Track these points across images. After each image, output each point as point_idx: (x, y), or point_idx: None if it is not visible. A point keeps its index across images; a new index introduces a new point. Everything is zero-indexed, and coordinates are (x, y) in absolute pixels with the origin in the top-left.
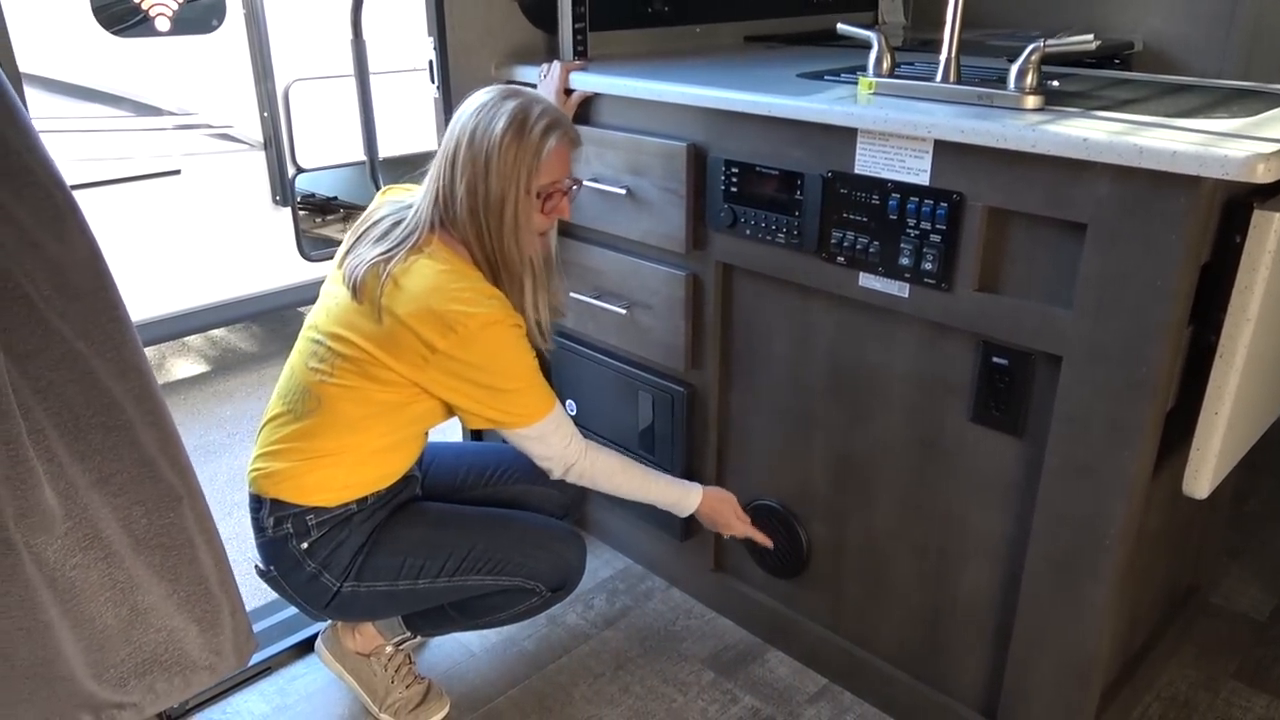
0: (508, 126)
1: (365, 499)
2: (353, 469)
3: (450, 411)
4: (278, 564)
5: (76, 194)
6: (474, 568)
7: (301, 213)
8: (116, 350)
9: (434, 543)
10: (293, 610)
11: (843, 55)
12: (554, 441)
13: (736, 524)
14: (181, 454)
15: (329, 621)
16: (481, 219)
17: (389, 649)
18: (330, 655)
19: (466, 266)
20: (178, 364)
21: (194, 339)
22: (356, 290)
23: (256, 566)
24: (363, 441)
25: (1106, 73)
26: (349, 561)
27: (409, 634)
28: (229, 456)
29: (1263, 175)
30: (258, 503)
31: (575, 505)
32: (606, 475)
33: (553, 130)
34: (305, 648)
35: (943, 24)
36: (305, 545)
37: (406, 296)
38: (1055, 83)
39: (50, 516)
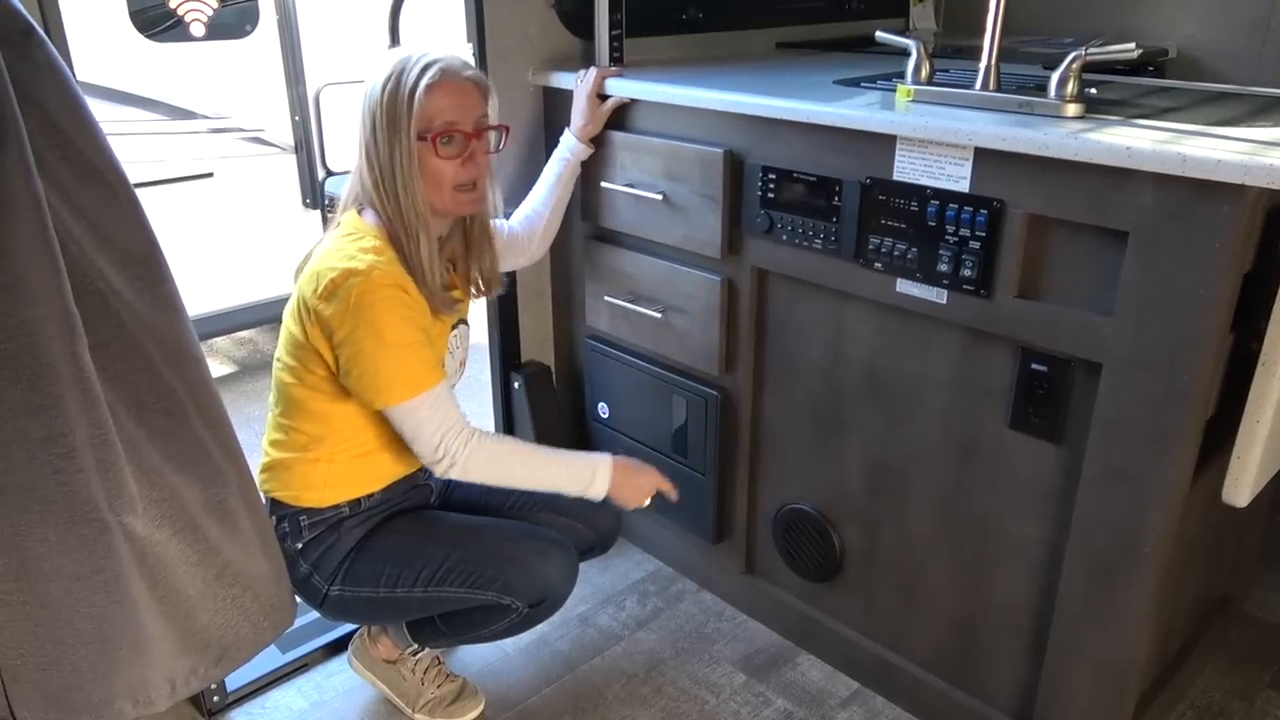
0: (385, 79)
1: (358, 502)
2: (334, 467)
3: None
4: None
5: None
6: (448, 580)
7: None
8: (175, 341)
9: (412, 553)
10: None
11: (877, 62)
12: (427, 428)
13: (647, 491)
14: (230, 437)
15: (357, 628)
16: (377, 176)
17: (415, 653)
18: (360, 663)
19: (367, 228)
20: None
21: (220, 340)
22: (296, 277)
23: None
24: (338, 439)
25: (1144, 80)
26: (336, 566)
27: (415, 645)
28: (257, 456)
29: None
30: (266, 500)
31: (605, 538)
32: (494, 465)
33: (429, 69)
34: (340, 645)
35: (978, 31)
36: (299, 545)
37: (307, 268)
38: (1093, 90)
39: (133, 496)
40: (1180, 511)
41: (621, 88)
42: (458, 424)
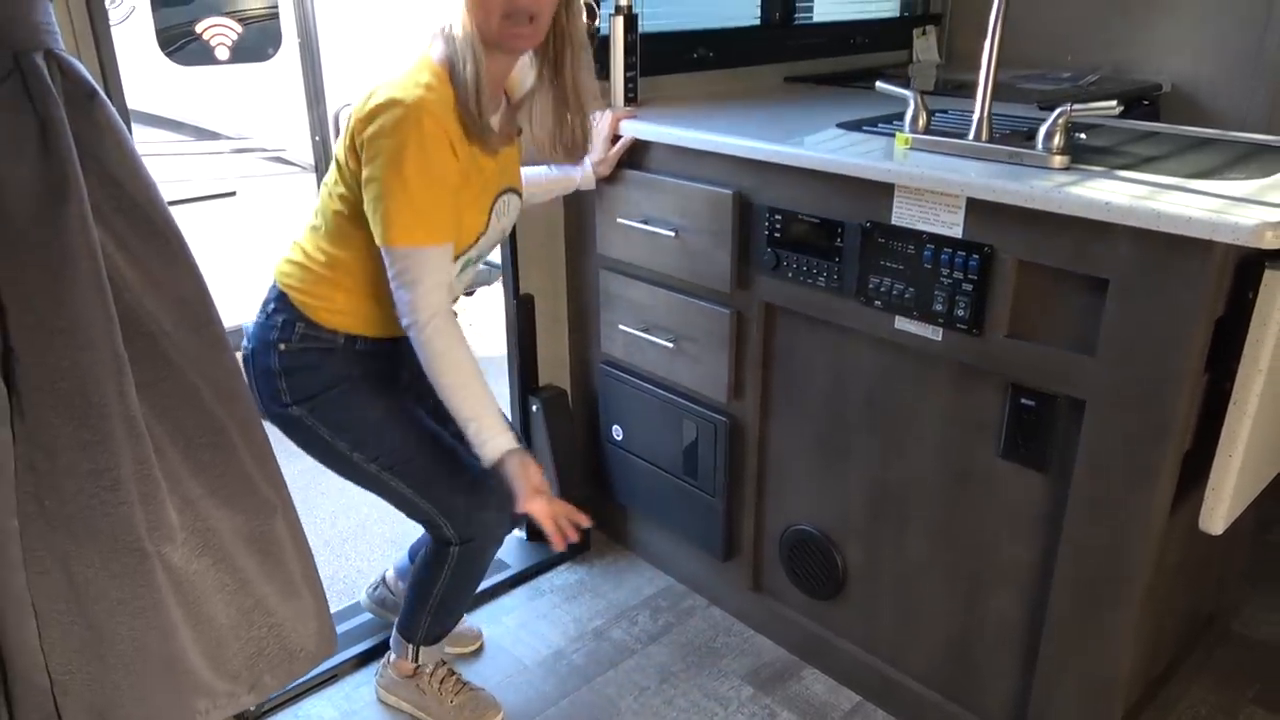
0: None
1: (354, 339)
2: (351, 297)
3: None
4: (256, 344)
5: None
6: (406, 475)
7: None
8: (224, 379)
9: (386, 431)
10: (359, 619)
11: (881, 101)
12: (411, 280)
13: (537, 502)
14: (275, 468)
15: (382, 662)
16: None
17: (429, 667)
18: (385, 691)
19: (430, 64)
20: None
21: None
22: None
23: (243, 343)
24: (363, 271)
25: (1132, 124)
26: (311, 392)
27: (414, 652)
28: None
29: (1270, 242)
30: (272, 288)
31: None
32: (438, 356)
33: None
34: (370, 655)
35: (979, 63)
36: (283, 346)
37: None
38: (1083, 135)
39: (173, 527)
40: (1160, 538)
41: (636, 129)
42: (441, 298)
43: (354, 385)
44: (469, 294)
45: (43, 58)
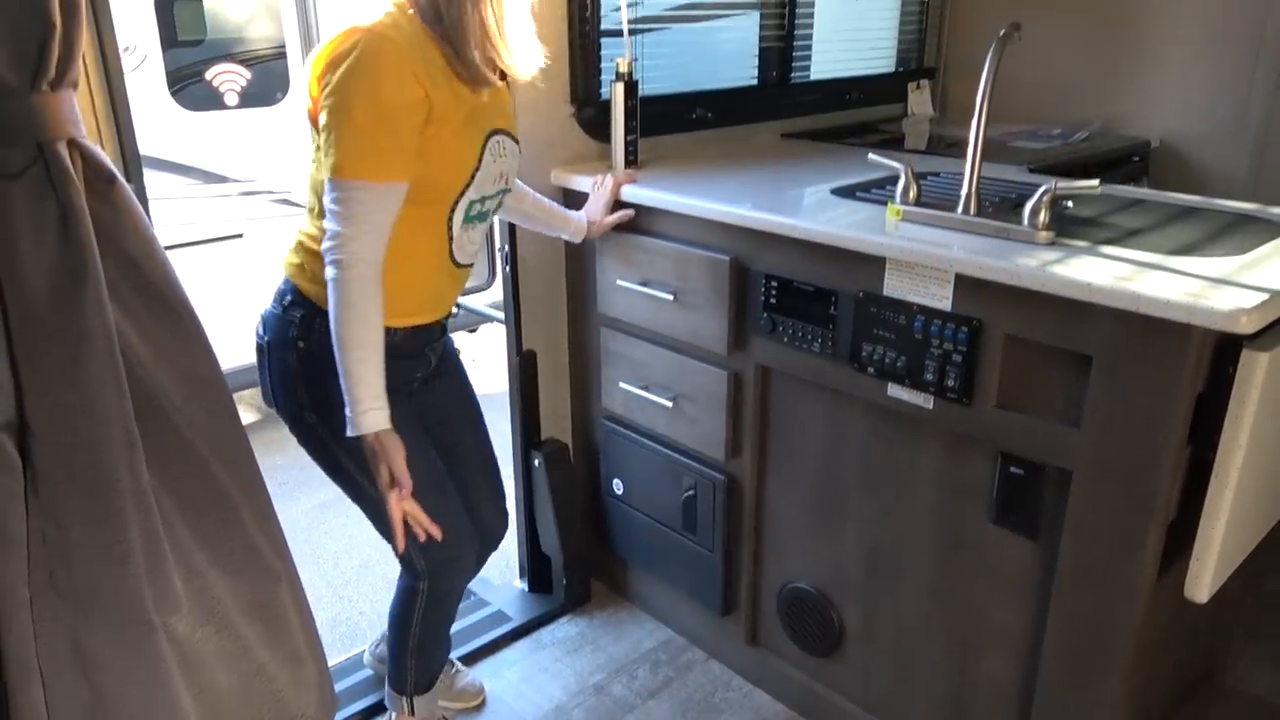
0: None
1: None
2: None
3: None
4: (272, 338)
5: None
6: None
7: None
8: (232, 449)
9: None
10: (361, 675)
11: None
12: (345, 215)
13: (391, 495)
14: (279, 536)
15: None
16: None
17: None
18: None
19: (398, 3)
20: None
21: (246, 391)
22: None
23: (257, 330)
24: None
25: (1119, 190)
26: (333, 398)
27: (405, 700)
28: (280, 507)
29: (1245, 327)
30: (284, 282)
31: (490, 534)
32: (345, 306)
33: None
34: (372, 712)
35: (969, 124)
36: (302, 344)
37: None
38: (1069, 204)
39: (179, 598)
40: (1147, 606)
41: (637, 195)
42: (373, 246)
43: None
44: (471, 331)
45: (65, 146)
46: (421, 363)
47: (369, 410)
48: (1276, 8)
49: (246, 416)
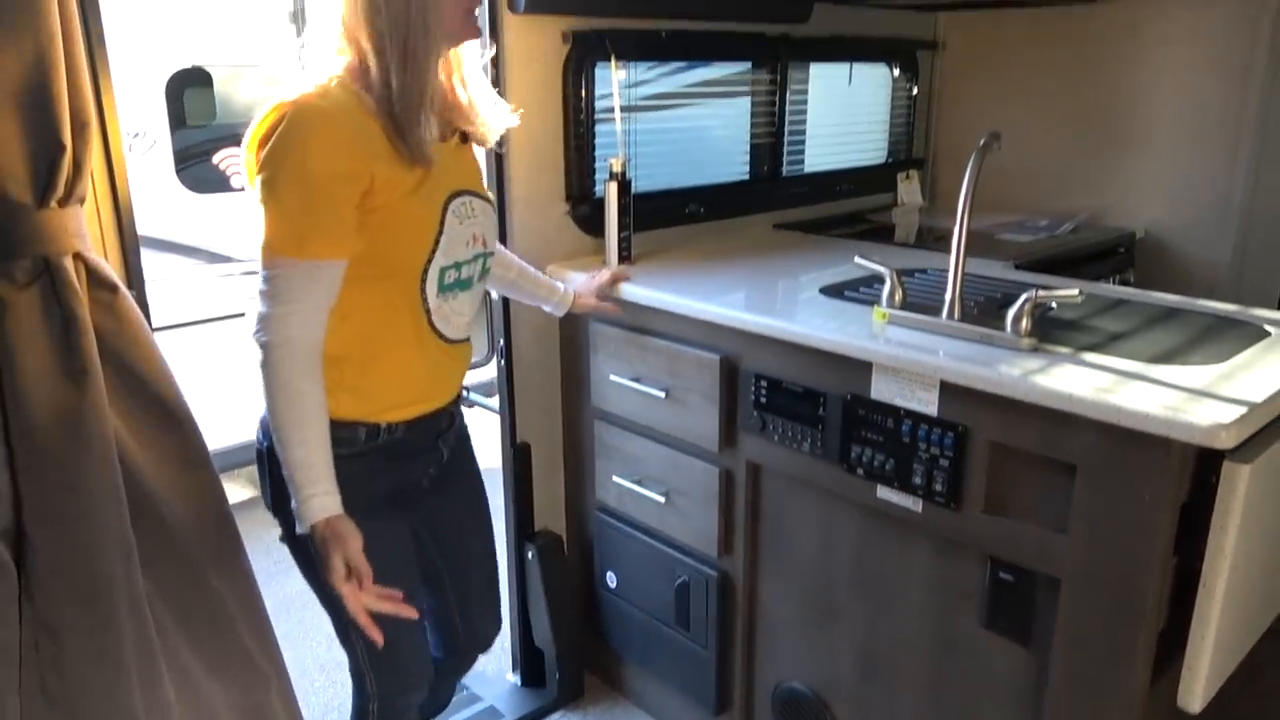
0: None
1: (376, 429)
2: (351, 364)
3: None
4: (271, 443)
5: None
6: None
7: None
8: (228, 555)
9: (381, 578)
10: None
11: (862, 252)
12: (271, 296)
13: (346, 587)
14: (270, 637)
15: None
16: (381, 7)
17: None
18: None
19: (335, 77)
20: (227, 490)
21: (243, 468)
22: None
23: (257, 435)
24: (345, 323)
25: (1102, 289)
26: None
27: None
28: (276, 585)
29: (1224, 441)
30: None
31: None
32: (283, 389)
33: None
34: None
35: (955, 222)
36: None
37: None
38: (1054, 305)
39: (169, 705)
40: (1142, 713)
41: (629, 293)
42: (302, 326)
43: (371, 513)
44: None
45: (70, 259)
46: (433, 458)
47: (314, 496)
48: (1251, 100)
49: (241, 493)
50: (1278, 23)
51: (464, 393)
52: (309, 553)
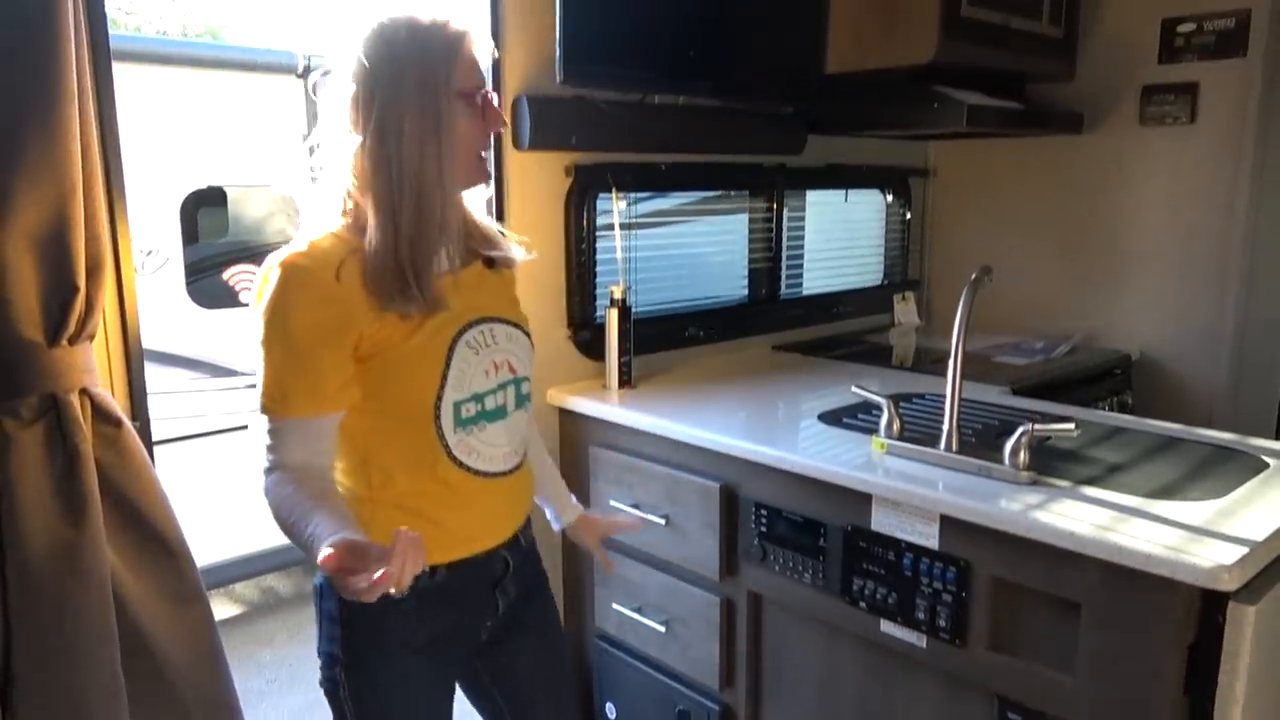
0: (397, 39)
1: (417, 574)
2: (379, 510)
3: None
4: (323, 580)
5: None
6: None
7: None
8: (218, 696)
9: None
10: None
11: (860, 376)
12: (269, 448)
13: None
14: None
15: None
16: (393, 155)
17: None
18: None
19: (329, 233)
20: (218, 606)
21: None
22: None
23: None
24: (375, 464)
25: (1099, 417)
26: (366, 660)
27: None
28: (267, 705)
29: (1228, 584)
30: None
31: None
32: (279, 503)
33: (449, 21)
34: None
35: (951, 343)
36: (336, 605)
37: None
38: (1049, 438)
39: None
40: None
41: (627, 418)
42: (296, 464)
43: (409, 657)
44: None
45: (77, 395)
46: (487, 610)
47: (326, 536)
48: (1237, 229)
49: (232, 609)
50: (1259, 155)
51: (520, 539)
52: (338, 699)
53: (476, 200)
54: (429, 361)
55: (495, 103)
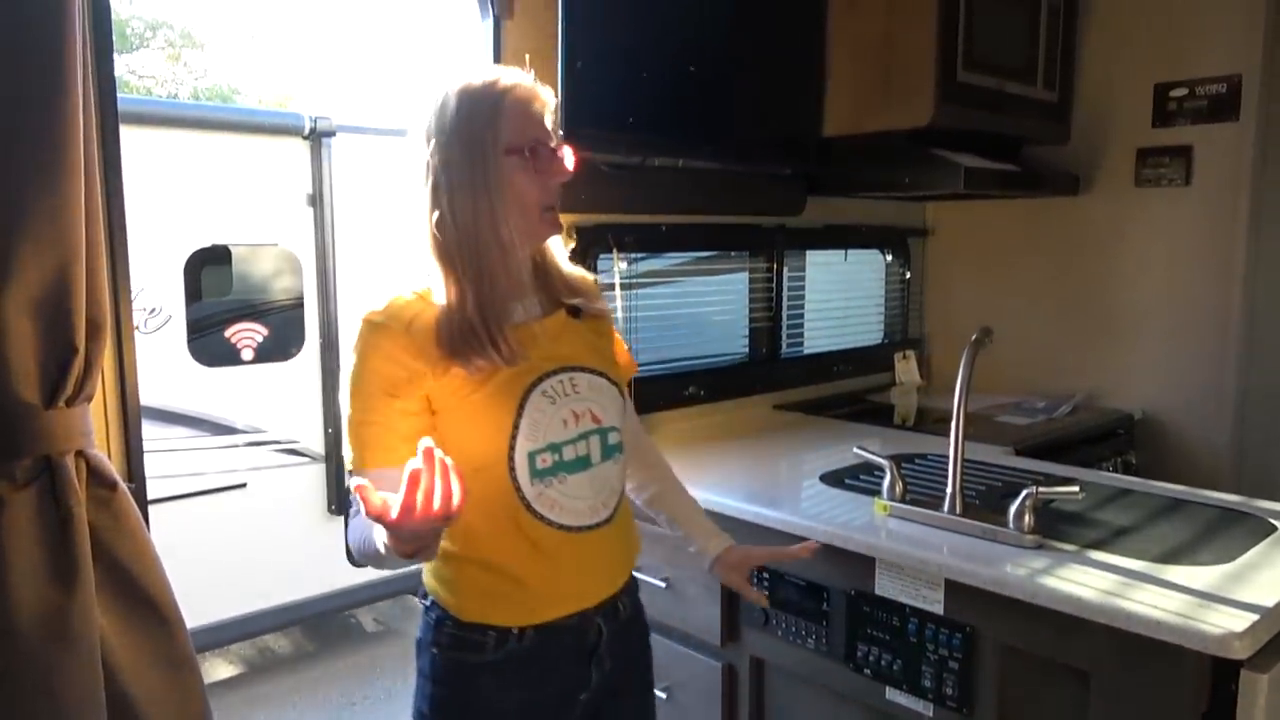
0: (450, 102)
1: (505, 634)
2: (465, 566)
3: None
4: (421, 635)
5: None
6: None
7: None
8: None
9: None
10: None
11: (862, 436)
12: (358, 504)
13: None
14: None
15: None
16: (449, 218)
17: None
18: None
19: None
20: (215, 666)
21: (233, 644)
22: None
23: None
24: (461, 527)
25: (1104, 479)
26: (448, 710)
27: None
28: None
29: (1238, 651)
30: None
31: None
32: (353, 532)
33: (500, 79)
34: None
35: (953, 401)
36: (435, 650)
37: None
38: (1054, 500)
39: None
40: None
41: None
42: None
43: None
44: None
45: (72, 457)
46: (581, 684)
47: (381, 544)
48: (1234, 291)
49: (230, 669)
50: (1254, 216)
51: (619, 605)
52: None
53: (559, 248)
54: (499, 411)
55: (559, 152)
